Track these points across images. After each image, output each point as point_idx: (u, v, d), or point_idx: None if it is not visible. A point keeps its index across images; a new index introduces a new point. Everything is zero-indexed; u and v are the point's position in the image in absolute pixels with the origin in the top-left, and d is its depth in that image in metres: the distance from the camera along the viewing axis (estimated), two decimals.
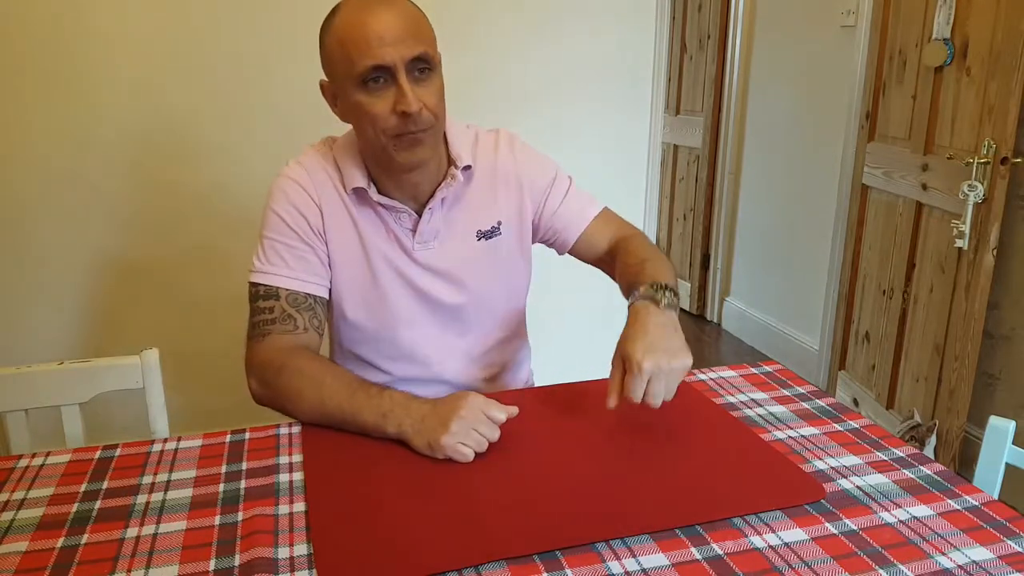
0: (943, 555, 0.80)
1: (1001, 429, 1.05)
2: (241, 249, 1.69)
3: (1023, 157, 1.99)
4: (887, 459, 0.99)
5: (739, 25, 3.34)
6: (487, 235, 1.23)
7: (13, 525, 0.85)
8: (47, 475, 0.96)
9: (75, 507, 0.89)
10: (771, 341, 3.32)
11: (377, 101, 1.05)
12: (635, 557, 0.79)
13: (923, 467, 0.97)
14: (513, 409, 1.01)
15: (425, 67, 1.06)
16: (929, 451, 2.15)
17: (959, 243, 2.04)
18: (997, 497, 0.95)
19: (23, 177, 1.98)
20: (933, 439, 2.16)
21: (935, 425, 2.18)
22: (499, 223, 1.23)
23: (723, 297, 3.69)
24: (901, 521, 0.86)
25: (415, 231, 1.18)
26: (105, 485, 0.94)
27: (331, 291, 1.20)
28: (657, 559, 0.79)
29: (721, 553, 0.80)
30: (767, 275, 3.36)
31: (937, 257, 2.20)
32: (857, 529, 0.84)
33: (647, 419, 1.08)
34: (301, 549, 0.81)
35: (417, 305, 1.21)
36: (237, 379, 1.18)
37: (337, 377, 1.07)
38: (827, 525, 0.85)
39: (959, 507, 0.88)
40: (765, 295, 3.39)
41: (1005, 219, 2.03)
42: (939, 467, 0.97)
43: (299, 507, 0.88)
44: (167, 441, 1.04)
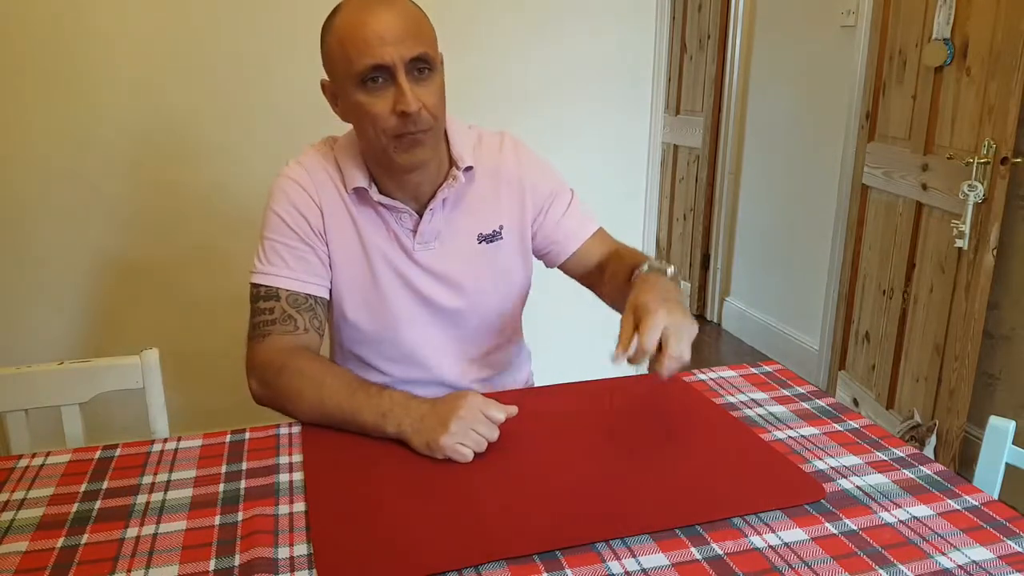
0: (943, 555, 0.80)
1: (1001, 429, 1.05)
2: (241, 249, 1.69)
3: (1023, 157, 1.99)
4: (887, 459, 0.99)
5: (739, 25, 3.34)
6: (488, 238, 1.22)
7: (13, 525, 0.85)
8: (47, 475, 0.96)
9: (75, 507, 0.89)
10: (771, 341, 3.32)
11: (377, 101, 1.05)
12: (635, 557, 0.79)
13: (923, 467, 0.97)
14: (512, 409, 1.01)
15: (425, 67, 1.06)
16: (929, 451, 2.15)
17: (959, 243, 2.04)
18: (997, 497, 0.95)
19: (23, 177, 1.98)
20: (933, 439, 2.16)
21: (935, 425, 2.18)
22: (501, 227, 1.23)
23: (723, 297, 3.69)
24: (901, 521, 0.86)
25: (416, 231, 1.18)
26: (105, 485, 0.94)
27: (332, 291, 1.20)
28: (657, 559, 0.79)
29: (721, 553, 0.80)
30: (767, 275, 3.36)
31: (937, 257, 2.20)
32: (857, 529, 0.84)
33: (647, 419, 1.08)
34: (301, 549, 0.81)
35: (417, 307, 1.21)
36: (237, 379, 1.18)
37: (337, 377, 1.07)
38: (827, 525, 0.85)
39: (959, 507, 0.88)
40: (765, 295, 3.39)
41: (1005, 219, 2.03)
42: (939, 467, 0.97)
43: (299, 507, 0.88)
44: (167, 441, 1.04)
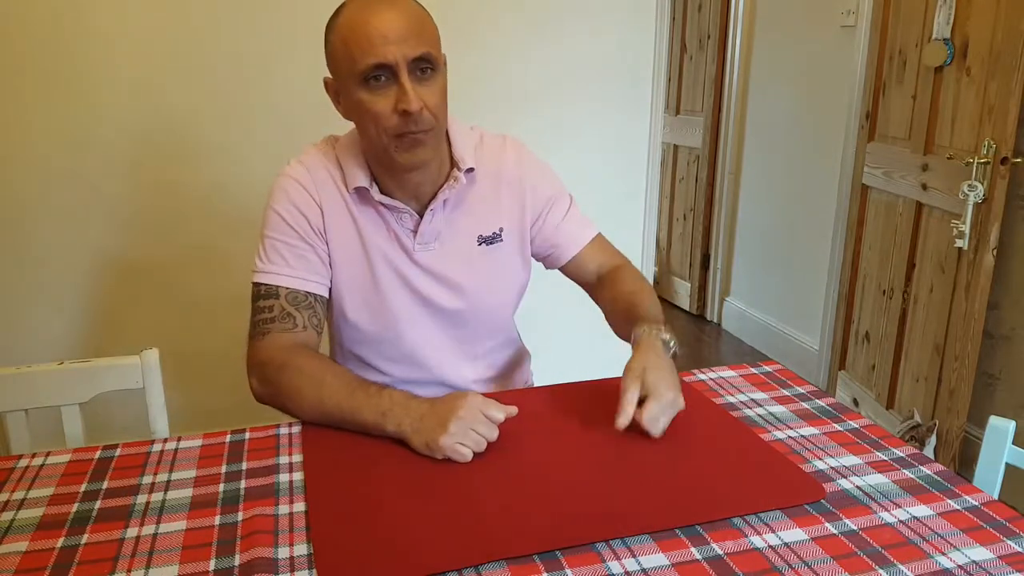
0: (943, 555, 0.80)
1: (1001, 429, 1.05)
2: (241, 249, 1.69)
3: (1023, 157, 1.99)
4: (887, 459, 0.99)
5: (739, 25, 3.34)
6: (488, 240, 1.22)
7: (13, 525, 0.85)
8: (47, 475, 0.96)
9: (75, 507, 0.89)
10: (771, 341, 3.32)
11: (379, 99, 1.05)
12: (635, 557, 0.79)
13: (923, 467, 0.97)
14: (512, 409, 1.01)
15: (428, 67, 1.06)
16: (929, 451, 2.15)
17: (959, 243, 2.04)
18: (997, 497, 0.95)
19: (23, 177, 1.98)
20: (933, 439, 2.16)
21: (935, 425, 2.18)
22: (501, 229, 1.23)
23: (723, 297, 3.69)
24: (901, 521, 0.86)
25: (416, 232, 1.18)
26: (105, 485, 0.94)
27: (332, 291, 1.20)
28: (657, 559, 0.79)
29: (721, 553, 0.80)
30: (767, 275, 3.36)
31: (937, 257, 2.20)
32: (857, 529, 0.84)
33: None
34: (301, 549, 0.81)
35: (417, 307, 1.21)
36: (237, 379, 1.18)
37: (337, 376, 1.07)
38: (827, 525, 0.85)
39: (959, 507, 0.88)
40: (765, 295, 3.39)
41: (1005, 219, 2.03)
42: (939, 467, 0.97)
43: (299, 507, 0.88)
44: (167, 441, 1.04)
